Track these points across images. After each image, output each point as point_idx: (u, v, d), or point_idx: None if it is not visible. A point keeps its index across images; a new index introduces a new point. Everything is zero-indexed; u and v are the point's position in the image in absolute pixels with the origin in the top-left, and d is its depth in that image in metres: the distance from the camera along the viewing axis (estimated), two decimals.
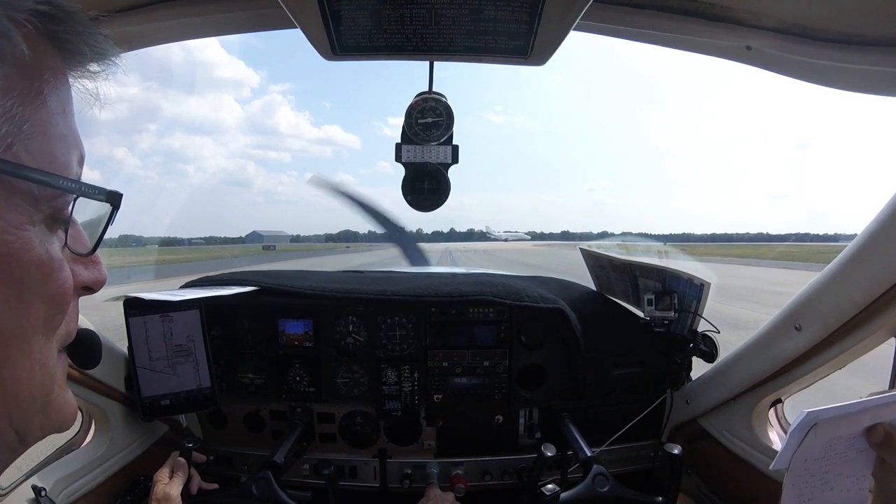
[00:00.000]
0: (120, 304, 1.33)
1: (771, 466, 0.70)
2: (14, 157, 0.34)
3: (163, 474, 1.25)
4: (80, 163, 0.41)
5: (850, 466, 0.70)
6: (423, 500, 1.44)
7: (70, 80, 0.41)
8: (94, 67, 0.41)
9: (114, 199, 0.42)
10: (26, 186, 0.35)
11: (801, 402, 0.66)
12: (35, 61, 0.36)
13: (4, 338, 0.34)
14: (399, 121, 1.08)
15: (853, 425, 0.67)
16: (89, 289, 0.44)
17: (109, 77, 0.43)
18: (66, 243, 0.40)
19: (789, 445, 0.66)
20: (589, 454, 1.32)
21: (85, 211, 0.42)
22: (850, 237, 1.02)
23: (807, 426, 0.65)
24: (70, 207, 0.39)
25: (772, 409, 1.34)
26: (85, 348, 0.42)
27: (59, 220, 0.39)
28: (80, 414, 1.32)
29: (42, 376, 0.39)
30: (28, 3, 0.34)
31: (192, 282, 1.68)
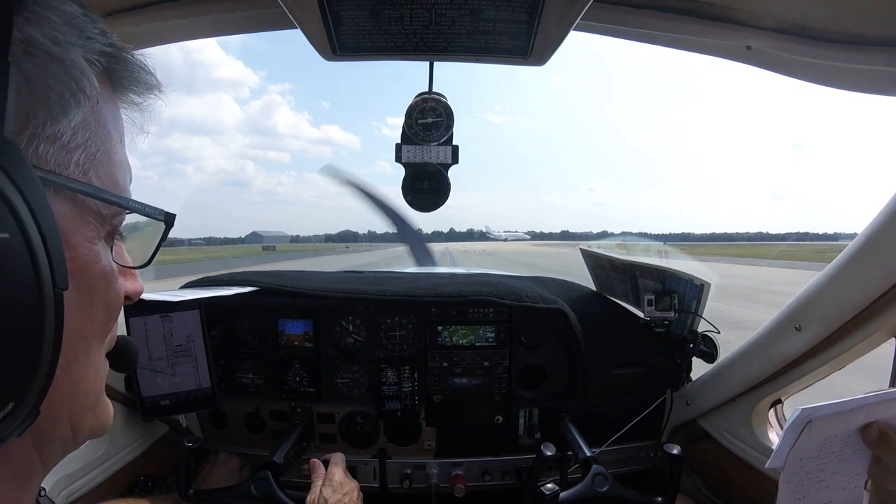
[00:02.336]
0: None
1: (767, 464, 0.70)
2: (89, 181, 0.39)
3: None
4: (130, 183, 0.46)
5: (846, 465, 0.70)
6: (318, 479, 1.29)
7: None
8: (137, 99, 0.46)
9: (170, 219, 0.48)
10: (96, 206, 0.40)
11: (801, 403, 0.67)
12: (102, 96, 0.41)
13: (75, 340, 0.38)
14: (399, 121, 1.09)
15: (848, 423, 0.67)
16: (129, 298, 0.48)
17: (150, 107, 0.48)
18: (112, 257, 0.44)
19: (785, 442, 0.66)
20: (588, 454, 1.32)
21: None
22: (849, 236, 1.02)
23: (802, 423, 0.65)
24: (122, 224, 0.44)
25: (772, 410, 1.34)
26: (122, 353, 0.45)
27: (113, 236, 0.44)
28: None
29: (95, 378, 0.42)
30: (97, 45, 0.38)
31: (193, 282, 1.68)
